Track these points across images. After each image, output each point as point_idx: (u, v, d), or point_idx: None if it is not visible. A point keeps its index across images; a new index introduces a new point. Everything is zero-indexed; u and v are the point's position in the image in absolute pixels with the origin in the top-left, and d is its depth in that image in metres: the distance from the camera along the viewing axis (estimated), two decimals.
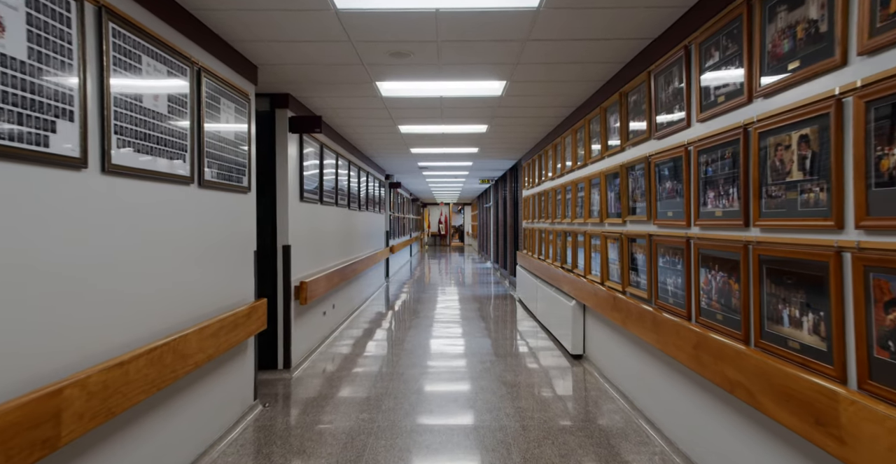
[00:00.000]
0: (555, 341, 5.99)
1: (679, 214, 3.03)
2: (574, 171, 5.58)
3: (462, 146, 8.28)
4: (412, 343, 5.94)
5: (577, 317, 5.25)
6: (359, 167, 8.43)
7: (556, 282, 6.13)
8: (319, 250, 5.87)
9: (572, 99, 5.05)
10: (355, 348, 5.79)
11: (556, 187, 6.33)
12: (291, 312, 4.83)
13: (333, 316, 6.59)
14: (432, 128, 6.67)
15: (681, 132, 3.02)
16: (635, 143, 3.73)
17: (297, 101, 5.00)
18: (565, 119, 5.95)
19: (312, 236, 5.56)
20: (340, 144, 7.05)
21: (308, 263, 5.37)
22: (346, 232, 7.46)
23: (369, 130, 6.80)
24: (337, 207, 6.78)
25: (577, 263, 5.41)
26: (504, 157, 9.69)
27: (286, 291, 4.78)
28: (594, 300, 4.55)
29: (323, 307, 6.06)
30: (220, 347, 3.02)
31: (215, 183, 3.16)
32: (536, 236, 7.84)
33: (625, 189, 3.94)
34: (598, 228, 4.68)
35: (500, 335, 6.36)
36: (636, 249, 3.74)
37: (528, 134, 7.07)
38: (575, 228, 5.47)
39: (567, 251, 5.89)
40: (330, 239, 6.40)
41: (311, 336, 5.52)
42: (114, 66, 2.16)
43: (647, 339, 3.35)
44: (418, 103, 5.25)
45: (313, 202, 5.58)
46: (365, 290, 9.11)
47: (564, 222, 5.97)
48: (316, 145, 5.69)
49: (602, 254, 4.49)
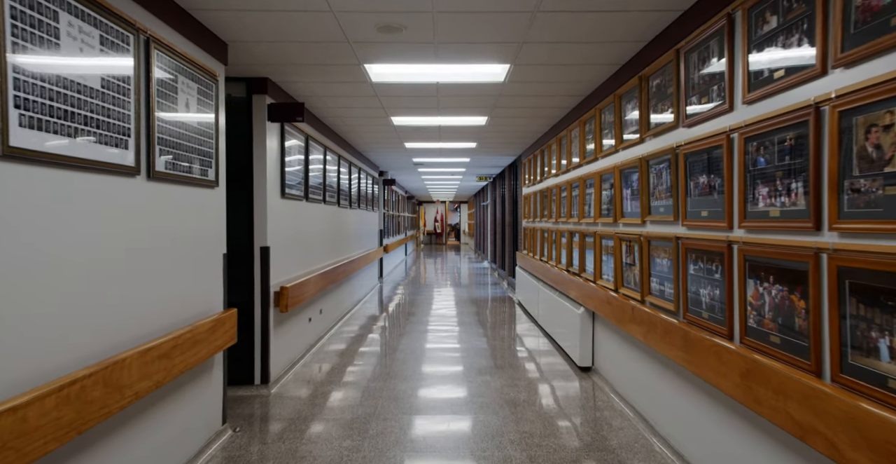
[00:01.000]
0: (559, 350, 5.54)
1: (717, 213, 2.57)
2: (582, 166, 5.11)
3: (460, 140, 7.81)
4: (405, 352, 5.47)
5: (585, 325, 4.79)
6: (350, 163, 7.95)
7: (561, 286, 5.67)
8: (304, 251, 5.39)
9: (581, 86, 4.58)
10: (343, 357, 5.32)
11: (561, 184, 5.87)
12: (270, 321, 4.35)
13: (321, 322, 6.11)
14: (428, 120, 6.20)
15: (720, 117, 2.56)
16: (658, 132, 3.27)
17: (277, 87, 4.52)
18: (572, 110, 5.49)
19: (296, 236, 5.09)
20: (329, 137, 6.57)
21: (291, 266, 4.90)
22: (336, 231, 6.99)
23: (360, 122, 6.32)
24: (325, 204, 6.30)
25: (586, 266, 4.96)
26: (503, 153, 9.22)
27: (264, 297, 4.30)
28: (607, 309, 4.09)
29: (308, 313, 5.59)
30: (174, 369, 2.54)
31: (171, 175, 2.68)
32: (538, 236, 7.38)
33: (644, 185, 3.48)
34: (610, 228, 4.22)
35: (499, 343, 5.90)
36: (658, 253, 3.28)
37: (531, 127, 6.61)
38: (582, 228, 5.02)
39: (573, 253, 5.43)
40: (317, 239, 5.92)
41: (293, 346, 5.04)
42: (12, 18, 1.68)
43: (673, 357, 2.89)
44: (412, 90, 4.78)
45: (297, 199, 5.10)
46: (357, 292, 8.63)
47: (570, 222, 5.52)
48: (300, 137, 5.21)
49: (616, 257, 4.03)
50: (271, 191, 4.39)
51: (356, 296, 8.64)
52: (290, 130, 4.85)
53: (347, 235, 7.84)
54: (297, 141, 5.10)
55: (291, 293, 4.56)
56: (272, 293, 4.38)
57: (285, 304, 4.43)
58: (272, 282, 4.38)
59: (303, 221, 5.33)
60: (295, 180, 5.00)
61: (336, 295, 7.02)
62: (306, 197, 5.42)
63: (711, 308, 2.63)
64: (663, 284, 3.22)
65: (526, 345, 5.83)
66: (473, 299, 9.25)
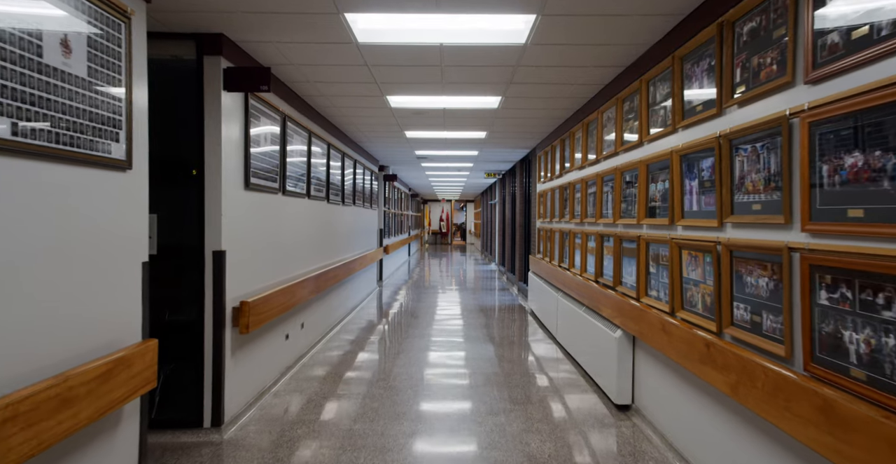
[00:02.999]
0: (586, 377, 4.59)
1: (889, 213, 1.62)
2: (619, 155, 4.16)
3: (467, 128, 6.85)
4: (400, 379, 4.54)
5: (623, 353, 3.83)
6: (343, 153, 7.02)
7: (588, 300, 4.72)
8: (280, 255, 4.47)
9: (621, 53, 3.63)
10: (325, 384, 4.39)
11: (588, 178, 4.92)
12: (226, 346, 3.42)
13: (302, 337, 5.19)
14: (431, 100, 5.25)
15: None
16: (753, 97, 2.32)
17: (236, 48, 3.58)
18: (605, 87, 4.53)
19: (268, 237, 4.16)
20: (316, 121, 5.64)
21: (258, 274, 3.97)
22: (324, 231, 6.06)
23: (350, 104, 5.38)
24: (310, 199, 5.37)
25: (623, 278, 4.00)
26: (515, 145, 8.27)
27: (217, 316, 3.37)
28: (661, 339, 3.13)
29: (285, 329, 4.67)
30: (25, 452, 1.62)
31: (33, 148, 1.76)
32: (556, 239, 6.42)
33: (724, 174, 2.53)
34: (662, 232, 3.27)
35: (512, 367, 4.95)
36: (748, 268, 2.33)
37: (551, 111, 5.65)
38: (618, 231, 4.06)
39: (604, 261, 4.48)
40: (298, 240, 4.99)
41: (260, 372, 4.11)
42: None
43: (794, 433, 1.94)
44: (409, 55, 3.84)
45: (269, 192, 4.17)
46: (351, 298, 7.70)
47: (601, 223, 4.56)
48: (275, 117, 4.28)
49: (672, 270, 3.08)
50: (230, 180, 3.47)
51: (350, 303, 7.71)
52: (260, 106, 3.92)
53: (340, 234, 6.91)
54: (271, 121, 4.17)
55: (256, 309, 3.63)
56: (229, 310, 3.46)
57: (246, 323, 3.50)
58: (229, 296, 3.45)
59: (278, 219, 4.40)
60: (266, 168, 4.07)
61: (324, 304, 6.09)
62: (283, 190, 4.49)
63: (875, 365, 1.68)
64: (759, 313, 2.27)
65: (545, 370, 4.88)
66: (482, 308, 8.30)
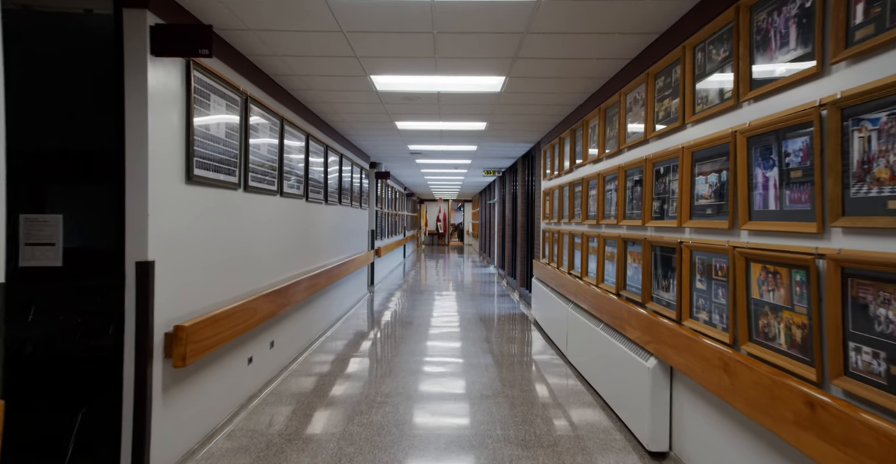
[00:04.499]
0: (607, 411, 3.84)
1: None
2: (651, 142, 3.42)
3: (465, 118, 6.10)
4: (385, 411, 3.78)
5: (658, 388, 3.09)
6: (326, 146, 6.27)
7: (609, 317, 3.97)
8: (241, 264, 3.72)
9: (656, 14, 2.89)
10: (293, 420, 3.64)
11: (607, 172, 4.18)
12: (153, 384, 2.66)
13: (272, 359, 4.44)
14: (422, 82, 4.51)
15: None
16: (886, 44, 1.58)
17: (168, 0, 2.82)
18: (632, 61, 3.79)
19: (220, 242, 3.41)
20: (291, 106, 4.89)
21: (207, 288, 3.22)
22: (302, 233, 5.31)
23: (328, 86, 4.63)
24: (282, 197, 4.62)
25: (655, 292, 3.26)
26: (517, 139, 7.53)
27: (141, 345, 2.61)
28: (720, 381, 2.38)
29: (248, 351, 3.92)
30: None
31: None
32: (565, 242, 5.68)
33: (833, 157, 1.79)
34: (717, 238, 2.53)
35: (521, 395, 4.20)
36: (884, 296, 1.59)
37: (562, 94, 4.90)
38: (648, 234, 3.32)
39: (628, 270, 3.74)
40: (266, 245, 4.24)
41: (208, 411, 3.35)
42: None
43: None
44: (394, 17, 3.08)
45: (224, 187, 3.42)
46: (336, 307, 6.95)
47: (624, 225, 3.83)
48: (234, 97, 3.53)
49: (735, 289, 2.34)
50: (163, 171, 2.71)
51: (335, 312, 6.96)
52: (209, 80, 3.17)
53: (322, 237, 6.16)
54: (227, 102, 3.42)
55: (198, 335, 2.87)
56: (160, 336, 2.70)
57: (182, 354, 2.74)
58: (159, 318, 2.68)
59: (237, 220, 3.65)
60: (219, 158, 3.32)
61: (302, 317, 5.34)
62: (244, 185, 3.75)
63: None
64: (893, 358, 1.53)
65: (558, 400, 4.12)
66: (481, 317, 7.55)
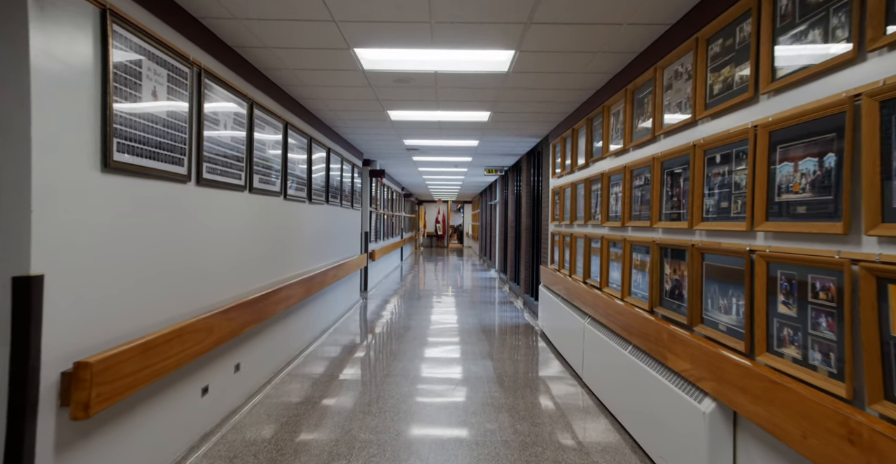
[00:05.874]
0: (641, 457, 3.13)
1: None
2: (701, 124, 2.71)
3: (466, 107, 5.39)
4: (370, 454, 3.06)
5: (718, 441, 2.37)
6: (310, 137, 5.56)
7: (642, 339, 3.26)
8: (189, 274, 3.00)
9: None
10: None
11: (636, 165, 3.47)
12: (36, 451, 1.94)
13: (236, 385, 3.72)
14: (417, 59, 3.80)
15: None
16: None
17: None
18: (675, 25, 3.08)
19: (157, 247, 2.69)
20: (265, 89, 4.17)
21: (133, 307, 2.50)
22: (278, 235, 4.59)
23: (305, 62, 3.92)
24: (252, 193, 3.92)
25: (707, 312, 2.55)
26: (523, 133, 6.83)
27: (18, 394, 1.88)
28: (841, 458, 1.67)
29: (202, 379, 3.20)
30: None
31: None
32: (579, 248, 4.98)
33: None
34: (820, 246, 1.82)
35: (531, 430, 3.48)
36: None
37: (579, 74, 4.19)
38: (699, 240, 2.61)
39: (666, 283, 3.03)
40: (227, 249, 3.53)
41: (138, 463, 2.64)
42: None
43: None
44: None
45: (165, 178, 2.70)
46: (319, 319, 6.23)
47: (659, 228, 3.12)
48: (181, 68, 2.81)
49: (865, 322, 1.63)
50: (60, 151, 2.00)
51: (319, 324, 6.24)
52: (140, 41, 2.45)
53: (304, 240, 5.45)
54: (170, 72, 2.70)
55: (113, 372, 2.15)
56: (53, 377, 1.99)
57: (84, 400, 2.02)
58: (51, 354, 1.96)
59: (186, 219, 2.94)
60: (155, 141, 2.61)
61: (275, 333, 4.62)
62: (197, 176, 3.04)
63: None
64: None
65: (581, 442, 3.40)
66: (483, 328, 6.83)
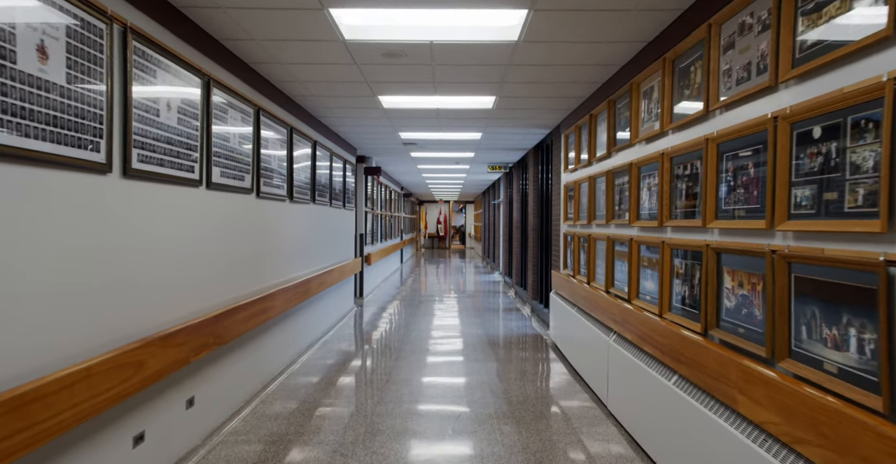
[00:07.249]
0: None
1: None
2: (784, 87, 1.99)
3: (468, 91, 4.69)
4: None
5: None
6: (290, 126, 4.87)
7: (695, 371, 2.54)
8: (101, 295, 2.31)
9: None
10: None
11: (676, 151, 2.76)
12: None
13: (184, 428, 3.02)
14: (407, 21, 3.10)
15: None
16: None
17: None
18: None
19: (55, 262, 2.00)
20: (230, 67, 3.47)
21: (17, 341, 1.81)
22: (248, 240, 3.90)
23: (272, 31, 3.21)
24: (210, 190, 3.22)
25: (795, 345, 1.83)
26: (530, 122, 6.13)
27: None
28: None
29: (132, 427, 2.51)
30: None
31: None
32: (600, 251, 4.28)
33: None
34: None
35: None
36: None
37: (602, 44, 3.49)
38: (782, 244, 1.90)
39: (727, 299, 2.32)
40: (173, 259, 2.83)
41: None
42: None
43: None
44: None
45: (72, 168, 2.00)
46: (304, 333, 5.54)
47: (714, 229, 2.41)
48: (95, 24, 2.12)
49: None
50: None
51: (304, 338, 5.54)
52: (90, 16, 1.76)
53: (283, 244, 4.75)
54: (81, 27, 2.01)
55: None
56: None
57: None
58: None
59: (106, 216, 2.24)
60: (52, 112, 1.91)
61: (244, 355, 3.93)
62: (124, 167, 2.35)
63: None
64: None
65: None
66: (489, 341, 6.12)
